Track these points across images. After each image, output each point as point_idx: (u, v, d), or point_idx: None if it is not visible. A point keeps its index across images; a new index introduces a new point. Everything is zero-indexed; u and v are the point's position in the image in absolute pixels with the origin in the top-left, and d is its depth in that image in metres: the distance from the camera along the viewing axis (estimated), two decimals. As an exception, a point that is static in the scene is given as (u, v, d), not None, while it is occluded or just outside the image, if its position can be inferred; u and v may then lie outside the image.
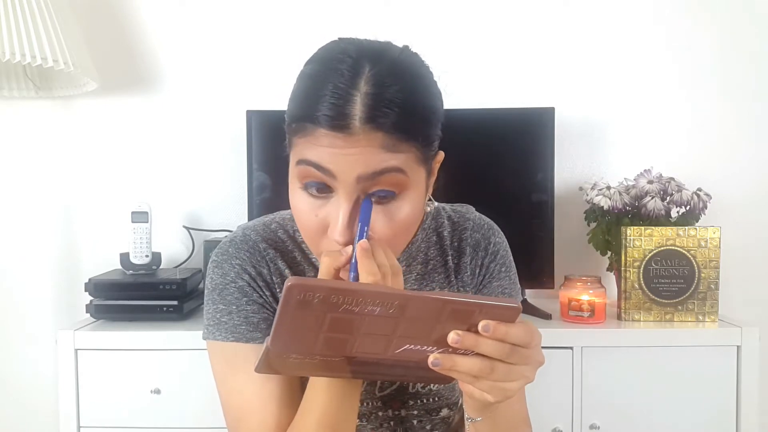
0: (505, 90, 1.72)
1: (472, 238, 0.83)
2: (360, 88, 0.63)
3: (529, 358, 0.58)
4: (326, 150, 0.63)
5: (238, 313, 0.74)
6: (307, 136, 0.64)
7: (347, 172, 0.63)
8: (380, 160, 0.63)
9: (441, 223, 0.85)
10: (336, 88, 0.63)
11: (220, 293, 0.76)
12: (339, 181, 0.64)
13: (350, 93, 0.63)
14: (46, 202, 1.76)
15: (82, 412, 1.39)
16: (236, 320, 0.74)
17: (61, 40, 1.42)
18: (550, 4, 1.73)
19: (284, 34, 1.72)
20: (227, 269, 0.76)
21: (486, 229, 0.85)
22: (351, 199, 0.64)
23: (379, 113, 0.63)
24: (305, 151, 0.65)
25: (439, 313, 0.53)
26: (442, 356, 0.56)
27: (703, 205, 1.48)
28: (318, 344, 0.55)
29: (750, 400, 1.36)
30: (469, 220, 0.85)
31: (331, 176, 0.64)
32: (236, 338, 0.74)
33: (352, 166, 0.63)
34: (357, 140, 0.62)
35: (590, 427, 1.37)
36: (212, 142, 1.75)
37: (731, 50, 1.72)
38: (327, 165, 0.63)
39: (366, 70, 0.64)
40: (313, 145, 0.64)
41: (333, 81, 0.64)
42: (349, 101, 0.62)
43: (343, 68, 0.64)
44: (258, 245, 0.78)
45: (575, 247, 1.66)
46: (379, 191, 0.65)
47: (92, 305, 1.46)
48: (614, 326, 1.42)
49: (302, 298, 0.51)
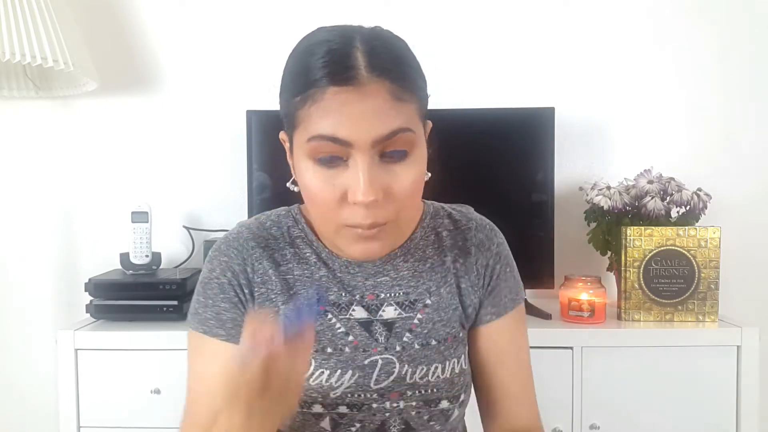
0: (505, 90, 1.72)
1: (476, 238, 0.84)
2: (356, 45, 0.66)
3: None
4: (338, 112, 0.64)
5: (212, 308, 0.78)
6: (315, 103, 0.65)
7: (363, 137, 0.64)
8: (393, 115, 0.65)
9: (440, 222, 0.85)
10: (331, 50, 0.66)
11: (204, 286, 0.80)
12: (355, 148, 0.65)
13: (347, 50, 0.65)
14: (47, 202, 1.76)
15: (82, 412, 1.39)
16: (208, 314, 0.78)
17: (61, 40, 1.42)
18: (550, 4, 1.73)
19: (284, 34, 1.71)
20: (215, 265, 0.79)
21: (489, 230, 0.86)
22: (369, 159, 0.66)
23: (381, 61, 0.65)
24: (316, 125, 0.65)
25: None
26: None
27: (703, 205, 1.48)
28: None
29: (750, 400, 1.36)
30: (471, 221, 0.86)
31: (346, 145, 0.65)
32: (204, 330, 0.78)
33: (367, 129, 0.64)
34: (366, 91, 0.64)
35: (590, 427, 1.37)
36: (212, 142, 1.75)
37: (731, 50, 1.72)
38: (342, 135, 0.64)
39: (356, 35, 0.67)
40: (324, 112, 0.64)
41: (326, 47, 0.66)
42: (350, 55, 0.65)
43: (332, 37, 0.67)
44: (247, 243, 0.80)
45: (575, 247, 1.66)
46: (392, 151, 0.67)
47: (92, 305, 1.46)
48: (614, 326, 1.42)
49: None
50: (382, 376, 0.78)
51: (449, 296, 0.81)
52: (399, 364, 0.78)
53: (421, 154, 0.71)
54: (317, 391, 0.76)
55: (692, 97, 1.73)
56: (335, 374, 0.76)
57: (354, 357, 0.78)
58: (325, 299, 0.77)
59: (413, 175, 0.69)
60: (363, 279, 0.79)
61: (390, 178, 0.68)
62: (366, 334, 0.78)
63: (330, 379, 0.76)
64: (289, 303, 0.77)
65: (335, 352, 0.77)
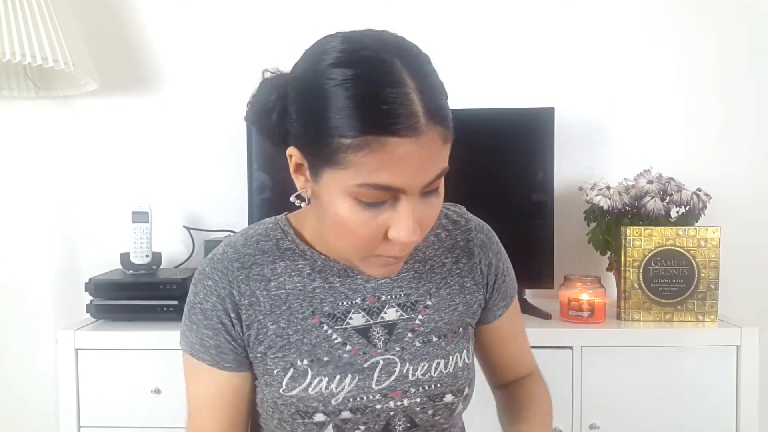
0: (505, 90, 1.72)
1: (478, 239, 0.85)
2: (408, 84, 0.61)
3: None
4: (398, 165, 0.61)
5: (197, 333, 0.78)
6: (373, 153, 0.61)
7: (414, 183, 0.64)
8: (440, 159, 0.65)
9: (438, 223, 0.85)
10: (392, 92, 0.60)
11: (189, 310, 0.80)
12: (405, 193, 0.64)
13: (406, 92, 0.60)
14: (47, 202, 1.76)
15: (82, 412, 1.39)
16: (194, 338, 0.79)
17: (61, 40, 1.42)
18: (550, 4, 1.73)
19: (284, 35, 1.72)
20: (199, 289, 0.79)
21: (486, 230, 0.88)
22: (415, 201, 0.65)
23: (435, 104, 0.62)
24: (371, 175, 0.62)
25: None
26: None
27: (703, 205, 1.48)
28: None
29: (749, 400, 1.36)
30: (470, 221, 0.87)
31: (398, 191, 0.64)
32: (191, 353, 0.79)
33: (419, 176, 0.63)
34: (424, 142, 0.62)
35: (590, 427, 1.37)
36: (212, 142, 1.75)
37: (731, 50, 1.72)
38: (398, 185, 0.63)
39: (398, 64, 0.61)
40: (382, 164, 0.61)
41: (382, 84, 0.60)
42: (410, 100, 0.60)
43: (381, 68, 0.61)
44: (232, 265, 0.78)
45: (575, 247, 1.66)
46: (430, 190, 0.67)
47: (92, 305, 1.46)
48: (614, 326, 1.42)
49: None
50: (383, 376, 0.78)
51: (449, 297, 0.82)
52: (400, 363, 0.78)
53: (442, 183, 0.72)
54: (317, 400, 0.75)
55: (692, 97, 1.73)
56: (334, 380, 0.76)
57: (353, 362, 0.77)
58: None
59: (441, 201, 0.71)
60: (363, 282, 0.79)
61: (427, 210, 0.68)
62: (364, 341, 0.77)
63: (330, 386, 0.75)
64: (279, 321, 0.77)
65: (332, 360, 0.76)
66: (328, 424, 0.76)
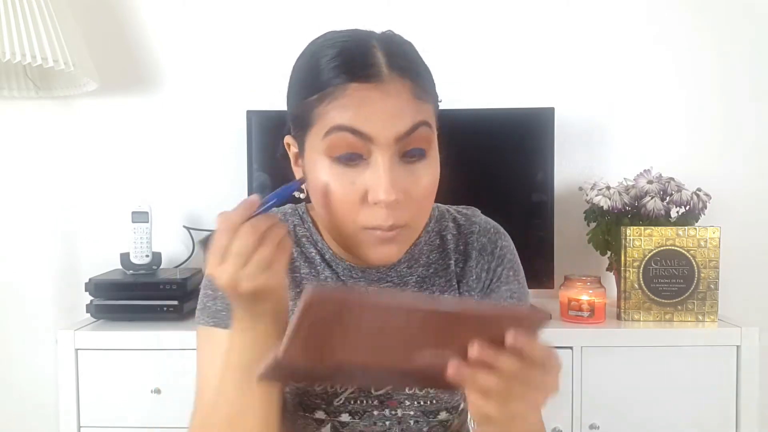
0: (505, 90, 1.72)
1: (479, 242, 0.82)
2: (373, 44, 0.65)
3: (544, 384, 0.56)
4: (361, 108, 0.63)
5: (223, 299, 0.75)
6: (335, 99, 0.63)
7: (385, 132, 0.63)
8: (413, 112, 0.65)
9: (445, 226, 0.83)
10: (349, 49, 0.65)
11: (211, 280, 0.76)
12: (376, 144, 0.63)
13: (366, 48, 0.64)
14: (47, 202, 1.76)
15: (82, 412, 1.39)
16: (219, 306, 0.75)
17: (61, 40, 1.42)
18: (550, 4, 1.73)
19: (284, 34, 1.72)
20: None
21: (492, 233, 0.84)
22: (390, 158, 0.64)
23: (401, 61, 0.65)
24: (335, 118, 0.63)
25: (463, 322, 0.52)
26: (462, 367, 0.54)
27: (703, 205, 1.48)
28: (331, 355, 0.54)
29: (750, 400, 1.36)
30: (475, 224, 0.84)
31: (367, 140, 0.63)
32: (215, 323, 0.75)
33: (390, 125, 0.63)
34: (388, 89, 0.63)
35: (590, 427, 1.37)
36: (212, 142, 1.75)
37: (731, 50, 1.72)
38: (364, 129, 0.63)
39: (370, 36, 0.66)
40: (344, 108, 0.63)
41: (341, 47, 0.65)
42: (369, 53, 0.64)
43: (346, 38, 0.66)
44: None
45: (575, 247, 1.66)
46: (413, 150, 0.66)
47: (92, 305, 1.46)
48: (614, 326, 1.42)
49: (320, 310, 0.50)
50: None
51: None
52: None
53: (437, 156, 0.70)
54: (321, 398, 0.76)
55: (692, 97, 1.73)
56: None
57: None
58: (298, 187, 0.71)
59: (431, 176, 0.69)
60: (366, 285, 0.79)
61: (410, 179, 0.66)
62: None
63: (334, 385, 0.76)
64: (296, 299, 0.75)
65: None
66: (327, 423, 0.76)
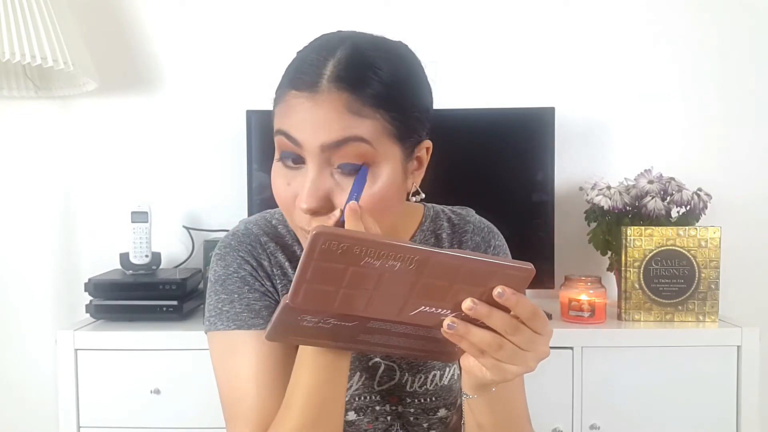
0: (505, 90, 1.72)
1: (473, 241, 0.84)
2: (336, 54, 0.65)
3: (535, 344, 0.58)
4: (293, 115, 0.65)
5: (240, 301, 0.75)
6: (280, 103, 0.67)
7: (311, 140, 0.64)
8: (344, 126, 0.63)
9: (440, 225, 0.84)
10: (307, 58, 0.66)
11: (223, 284, 0.76)
12: (305, 150, 0.65)
13: (322, 59, 0.65)
14: (46, 201, 1.76)
15: (81, 412, 1.39)
16: (238, 308, 0.75)
17: (61, 40, 1.42)
18: (550, 4, 1.73)
19: (284, 34, 1.72)
20: (230, 261, 0.77)
21: (486, 232, 0.85)
22: (317, 167, 0.65)
23: (347, 73, 0.64)
24: (278, 121, 0.67)
25: (457, 272, 0.54)
26: (458, 321, 0.56)
27: (704, 205, 1.48)
28: (336, 301, 0.55)
29: (750, 400, 1.36)
30: (469, 223, 0.85)
31: (298, 145, 0.65)
32: (238, 325, 0.74)
33: (315, 134, 0.63)
34: (322, 100, 0.63)
35: (590, 427, 1.37)
36: (212, 142, 1.75)
37: (731, 50, 1.72)
38: (294, 133, 0.65)
39: (344, 45, 0.66)
40: (283, 112, 0.66)
41: (305, 53, 0.68)
42: (321, 65, 0.65)
43: (321, 45, 0.67)
44: (260, 238, 0.78)
45: (575, 247, 1.66)
46: (345, 164, 0.64)
47: (92, 305, 1.46)
48: (614, 326, 1.42)
49: (326, 248, 0.51)
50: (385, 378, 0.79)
51: None
52: (399, 371, 0.79)
53: (387, 172, 0.66)
54: None
55: (692, 97, 1.73)
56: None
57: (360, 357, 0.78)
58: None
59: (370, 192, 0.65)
60: None
61: (337, 189, 0.65)
62: None
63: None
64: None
65: None
66: None
